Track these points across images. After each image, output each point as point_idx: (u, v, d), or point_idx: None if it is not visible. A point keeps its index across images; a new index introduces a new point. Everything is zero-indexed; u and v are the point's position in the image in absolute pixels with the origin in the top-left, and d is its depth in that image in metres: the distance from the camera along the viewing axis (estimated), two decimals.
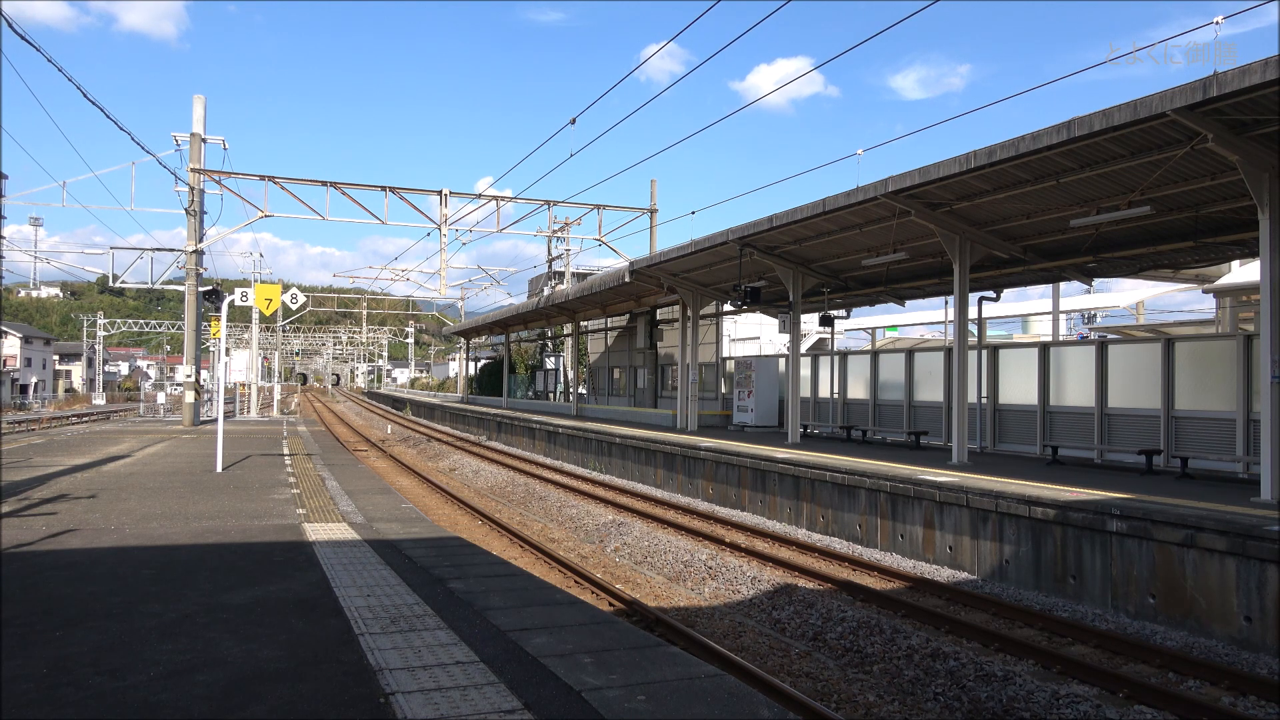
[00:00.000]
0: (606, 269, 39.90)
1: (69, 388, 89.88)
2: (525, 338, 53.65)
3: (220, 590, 6.26)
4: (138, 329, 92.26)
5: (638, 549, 13.18)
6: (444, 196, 29.21)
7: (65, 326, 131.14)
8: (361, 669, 4.47)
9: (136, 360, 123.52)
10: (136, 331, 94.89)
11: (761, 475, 15.99)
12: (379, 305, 79.08)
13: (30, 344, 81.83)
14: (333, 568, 7.09)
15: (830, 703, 6.97)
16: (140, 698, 4.07)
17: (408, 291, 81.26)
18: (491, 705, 3.92)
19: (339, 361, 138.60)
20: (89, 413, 49.80)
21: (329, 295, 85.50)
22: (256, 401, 42.28)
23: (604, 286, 26.23)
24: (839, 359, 22.79)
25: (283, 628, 5.27)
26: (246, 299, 18.30)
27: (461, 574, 6.94)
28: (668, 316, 32.48)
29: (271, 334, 77.15)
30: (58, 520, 9.33)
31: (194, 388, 28.46)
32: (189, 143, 27.32)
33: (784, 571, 11.33)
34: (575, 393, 35.20)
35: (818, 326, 25.69)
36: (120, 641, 4.98)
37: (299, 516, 9.97)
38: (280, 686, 4.23)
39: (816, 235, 17.12)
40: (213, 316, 24.99)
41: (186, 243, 27.47)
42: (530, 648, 4.82)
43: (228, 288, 27.56)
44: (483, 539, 14.12)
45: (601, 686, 4.16)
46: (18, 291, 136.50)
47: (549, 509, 17.47)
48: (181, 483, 12.96)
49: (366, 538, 8.69)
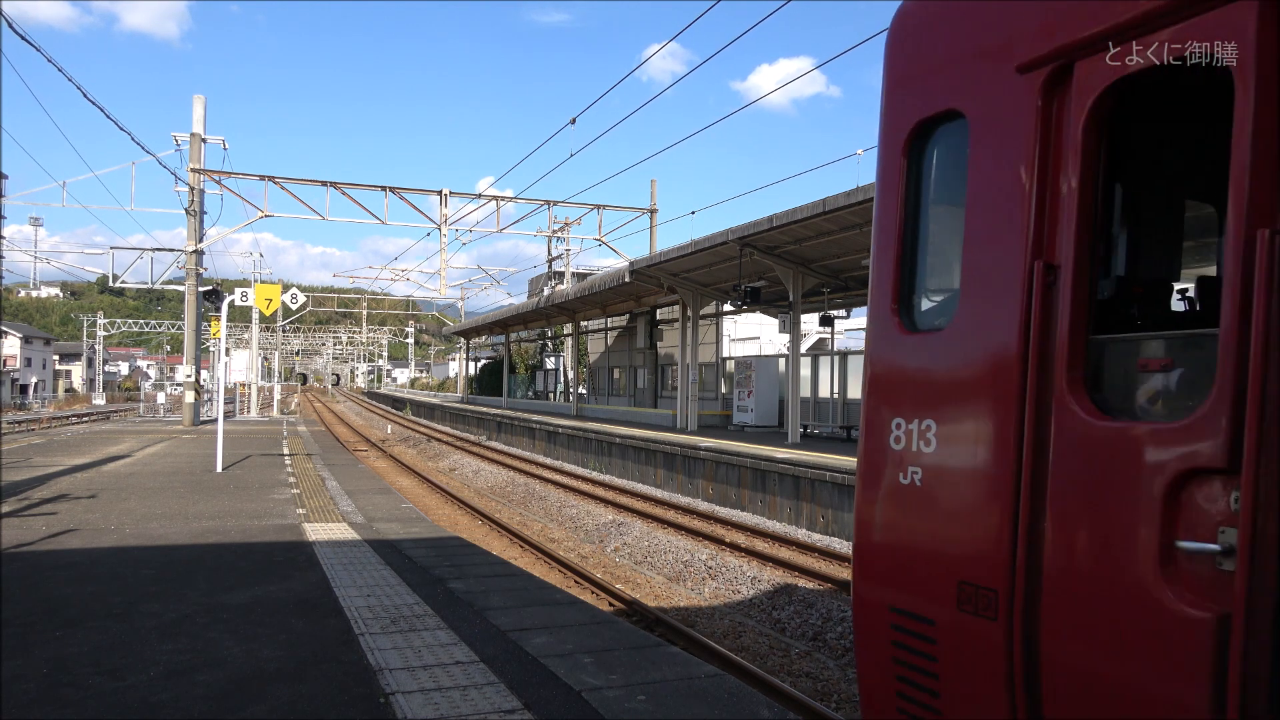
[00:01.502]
0: (606, 269, 39.91)
1: (69, 388, 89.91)
2: (525, 338, 53.67)
3: (220, 590, 6.26)
4: (138, 329, 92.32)
5: (638, 549, 13.18)
6: (444, 196, 29.22)
7: (65, 326, 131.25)
8: (362, 669, 4.47)
9: (136, 360, 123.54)
10: (136, 331, 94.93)
11: (761, 475, 15.99)
12: (379, 305, 79.10)
13: (30, 344, 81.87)
14: (333, 568, 7.09)
15: (830, 703, 6.97)
16: (140, 698, 4.07)
17: (408, 291, 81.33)
18: (491, 705, 3.92)
19: (339, 361, 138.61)
20: (89, 413, 49.80)
21: (329, 295, 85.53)
22: (256, 401, 42.30)
23: (604, 286, 26.23)
24: (839, 359, 22.80)
25: (283, 628, 5.27)
26: (246, 299, 18.31)
27: (461, 574, 6.94)
28: (668, 316, 32.49)
29: (271, 334, 77.18)
30: (58, 520, 9.33)
31: (194, 388, 28.46)
32: (189, 143, 27.32)
33: (784, 571, 11.33)
34: (575, 393, 35.19)
35: (818, 326, 25.70)
36: (120, 641, 4.98)
37: (299, 516, 9.98)
38: (280, 686, 4.23)
39: (817, 235, 17.13)
40: (213, 316, 25.00)
41: (186, 243, 27.48)
42: (530, 648, 4.82)
43: (228, 288, 27.57)
44: (483, 539, 14.11)
45: (601, 686, 4.16)
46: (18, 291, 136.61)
47: (549, 509, 17.47)
48: (181, 483, 12.96)
49: (366, 538, 8.69)
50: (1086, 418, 2.58)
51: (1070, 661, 2.63)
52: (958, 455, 3.02)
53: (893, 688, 3.30)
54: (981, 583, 2.88)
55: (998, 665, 2.81)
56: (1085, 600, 2.60)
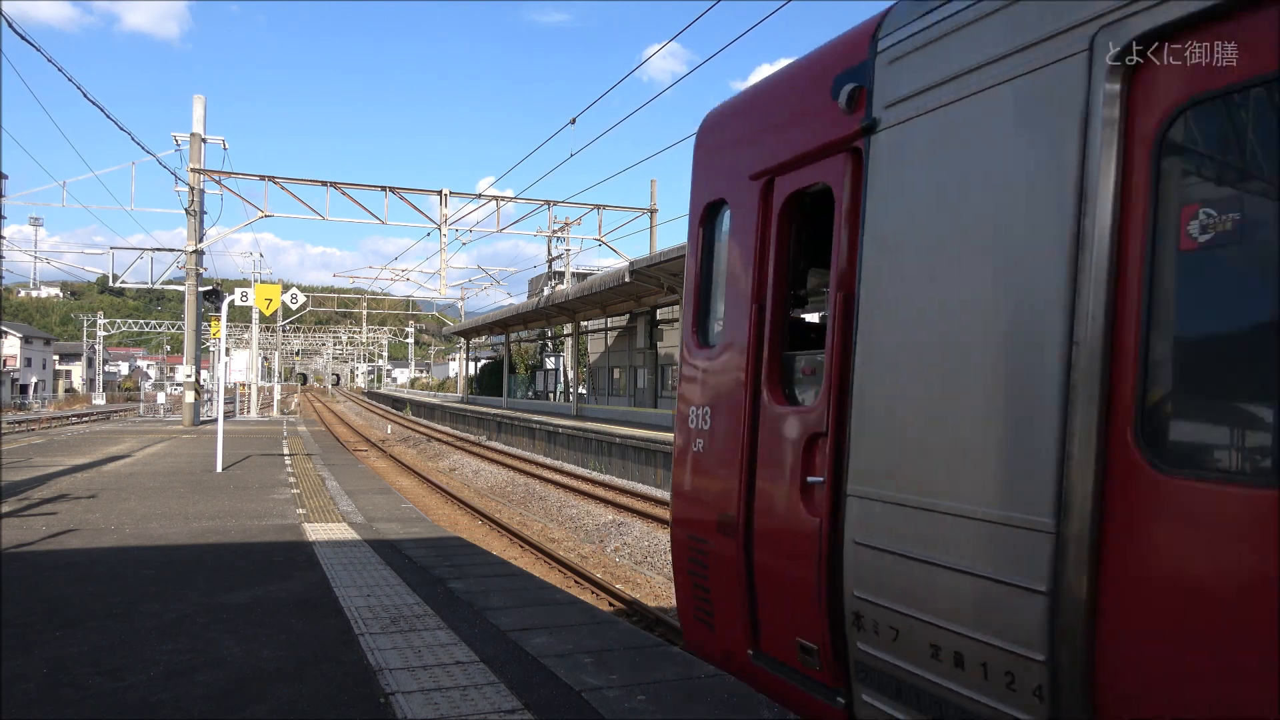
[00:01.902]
0: (606, 269, 39.90)
1: (69, 388, 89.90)
2: (525, 338, 53.66)
3: (220, 590, 6.26)
4: (138, 329, 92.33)
5: (638, 549, 13.18)
6: (444, 196, 29.22)
7: (65, 326, 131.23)
8: (362, 669, 4.47)
9: (136, 360, 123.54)
10: (136, 331, 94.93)
11: None
12: (379, 305, 79.09)
13: (30, 344, 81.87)
14: (333, 568, 7.09)
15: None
16: (140, 698, 4.07)
17: (408, 291, 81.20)
18: (491, 705, 3.92)
19: (339, 361, 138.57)
20: (89, 413, 49.79)
21: (329, 295, 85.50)
22: (256, 401, 42.29)
23: (604, 286, 26.23)
24: None
25: (283, 628, 5.27)
26: (246, 299, 18.31)
27: (461, 574, 6.94)
28: (668, 316, 32.49)
29: (271, 334, 77.16)
30: (58, 520, 9.33)
31: (194, 388, 28.46)
32: (189, 143, 27.32)
33: None
34: (575, 393, 35.19)
35: None
36: (120, 641, 4.97)
37: (299, 516, 9.98)
38: (280, 686, 4.23)
39: None
40: (213, 316, 24.98)
41: (186, 243, 27.47)
42: (530, 648, 4.82)
43: (228, 288, 27.57)
44: (483, 539, 14.11)
45: (601, 686, 4.16)
46: (18, 291, 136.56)
47: (549, 509, 17.47)
48: (181, 483, 12.96)
49: (366, 538, 8.70)
50: (775, 405, 4.04)
51: (763, 560, 4.06)
52: (719, 431, 4.46)
53: (690, 593, 4.75)
54: (729, 513, 4.26)
55: (737, 568, 4.20)
56: (768, 517, 4.02)
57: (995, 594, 2.80)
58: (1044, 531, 2.64)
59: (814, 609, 3.64)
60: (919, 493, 3.13)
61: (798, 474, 3.78)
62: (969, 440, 2.97)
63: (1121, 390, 2.50)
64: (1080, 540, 2.55)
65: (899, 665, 3.21)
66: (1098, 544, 2.52)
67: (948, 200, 3.16)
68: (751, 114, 4.59)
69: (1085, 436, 2.56)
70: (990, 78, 2.97)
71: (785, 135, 4.12)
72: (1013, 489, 2.79)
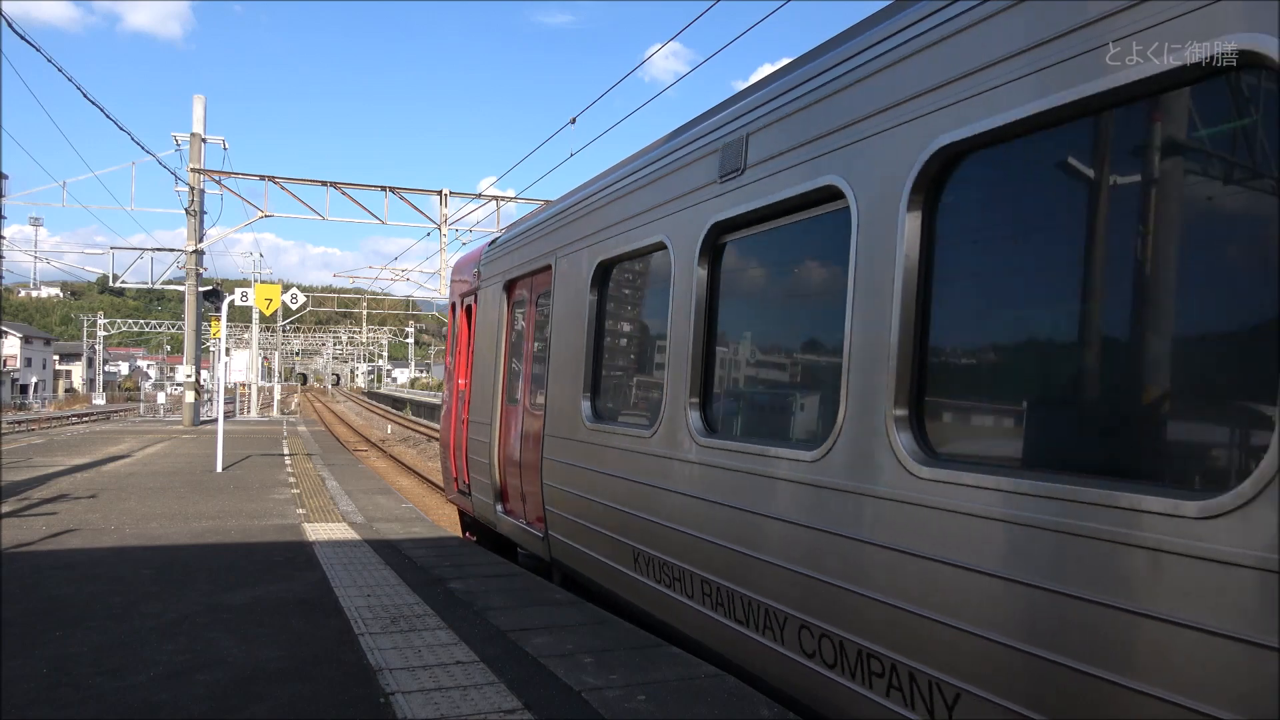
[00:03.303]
0: None
1: (69, 388, 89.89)
2: None
3: (220, 590, 6.26)
4: (138, 329, 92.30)
5: None
6: (444, 196, 29.22)
7: (65, 326, 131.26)
8: (362, 669, 4.47)
9: (136, 360, 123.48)
10: (136, 331, 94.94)
11: None
12: (379, 305, 79.00)
13: (30, 344, 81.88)
14: (333, 568, 7.09)
15: None
16: (140, 698, 4.07)
17: (408, 291, 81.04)
18: (492, 705, 3.93)
19: (339, 361, 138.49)
20: (89, 413, 49.76)
21: (329, 295, 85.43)
22: (256, 401, 42.30)
23: None
24: None
25: (283, 628, 5.27)
26: (246, 299, 18.33)
27: (461, 574, 6.94)
28: None
29: (271, 334, 77.11)
30: (58, 520, 9.33)
31: (194, 388, 28.46)
32: (189, 143, 27.31)
33: None
34: None
35: None
36: (120, 642, 4.98)
37: (299, 516, 9.98)
38: (280, 686, 4.23)
39: None
40: (213, 316, 24.98)
41: (186, 243, 27.47)
42: (530, 648, 4.82)
43: (228, 288, 27.61)
44: None
45: (601, 686, 4.16)
46: (18, 291, 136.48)
47: None
48: (181, 483, 12.96)
49: (366, 538, 8.70)
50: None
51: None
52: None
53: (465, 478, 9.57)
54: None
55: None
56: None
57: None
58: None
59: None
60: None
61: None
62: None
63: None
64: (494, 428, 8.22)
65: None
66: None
67: (488, 324, 8.74)
68: (462, 267, 10.23)
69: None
70: (492, 281, 8.67)
71: (464, 279, 9.91)
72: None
